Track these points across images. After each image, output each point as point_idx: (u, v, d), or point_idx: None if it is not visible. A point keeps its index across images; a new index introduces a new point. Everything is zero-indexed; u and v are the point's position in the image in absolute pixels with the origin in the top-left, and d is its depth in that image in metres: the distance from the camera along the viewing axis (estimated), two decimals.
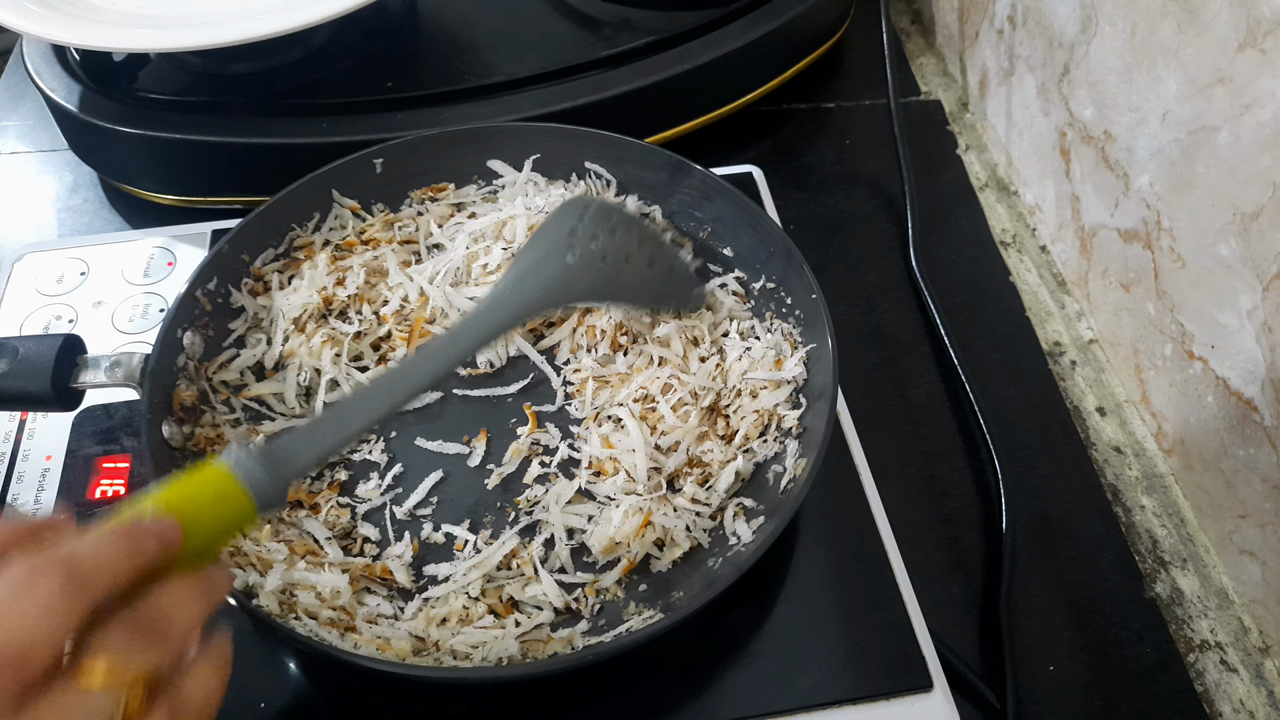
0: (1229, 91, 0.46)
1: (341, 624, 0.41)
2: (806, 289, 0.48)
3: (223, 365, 0.50)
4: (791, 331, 0.50)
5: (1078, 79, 0.59)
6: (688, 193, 0.54)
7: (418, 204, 0.57)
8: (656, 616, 0.42)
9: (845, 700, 0.41)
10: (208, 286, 0.50)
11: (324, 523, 0.45)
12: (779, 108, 0.74)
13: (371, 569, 0.44)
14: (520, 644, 0.41)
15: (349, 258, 0.53)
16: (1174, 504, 0.54)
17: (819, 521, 0.47)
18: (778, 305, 0.51)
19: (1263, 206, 0.45)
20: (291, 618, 0.40)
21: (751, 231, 0.52)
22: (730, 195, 0.52)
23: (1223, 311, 0.49)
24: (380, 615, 0.42)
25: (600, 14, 0.69)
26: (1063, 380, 0.59)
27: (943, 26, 0.79)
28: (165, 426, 0.45)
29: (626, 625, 0.42)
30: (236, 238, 0.51)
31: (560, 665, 0.40)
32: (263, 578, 0.41)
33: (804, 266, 0.49)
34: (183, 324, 0.48)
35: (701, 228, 0.55)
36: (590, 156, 0.56)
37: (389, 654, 0.40)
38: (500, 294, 0.45)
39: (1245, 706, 0.47)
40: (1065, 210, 0.63)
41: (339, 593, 0.42)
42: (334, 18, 0.56)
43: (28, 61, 0.64)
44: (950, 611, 0.49)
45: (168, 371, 0.46)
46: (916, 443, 0.55)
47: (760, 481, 0.46)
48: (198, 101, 0.62)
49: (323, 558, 0.44)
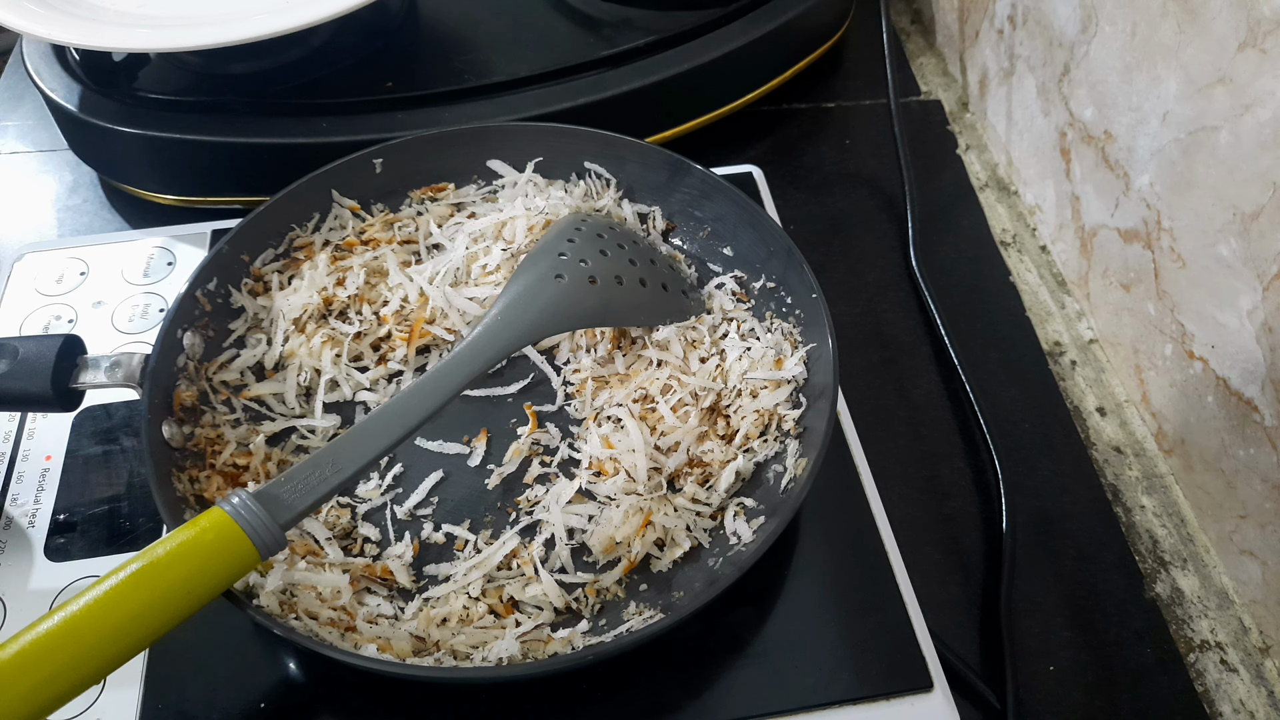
0: (1229, 91, 0.46)
1: (342, 624, 0.41)
2: (807, 288, 0.49)
3: (223, 365, 0.50)
4: (792, 331, 0.50)
5: (1078, 79, 0.59)
6: (688, 192, 0.54)
7: (417, 204, 0.57)
8: (657, 616, 0.42)
9: (845, 700, 0.41)
10: (208, 287, 0.50)
11: (324, 523, 0.45)
12: (779, 108, 0.74)
13: (372, 569, 0.44)
14: (521, 644, 0.41)
15: (349, 258, 0.53)
16: (1174, 504, 0.54)
17: (819, 521, 0.47)
18: (778, 304, 0.51)
19: (1263, 206, 0.45)
20: (292, 618, 0.40)
21: (751, 231, 0.52)
22: (730, 194, 0.53)
23: (1223, 311, 0.49)
24: (381, 615, 0.42)
25: (600, 14, 0.69)
26: (1063, 380, 0.59)
27: (943, 26, 0.79)
28: (165, 427, 0.45)
29: (627, 625, 0.42)
30: (236, 238, 0.51)
31: (561, 665, 0.40)
32: (263, 578, 0.41)
33: (804, 266, 0.49)
34: (183, 324, 0.48)
35: (701, 227, 0.55)
36: (590, 156, 0.56)
37: (389, 654, 0.40)
38: (491, 326, 0.45)
39: (1245, 706, 0.47)
40: (1065, 210, 0.63)
41: (339, 593, 0.42)
42: (334, 18, 0.56)
43: (28, 61, 0.64)
44: (950, 611, 0.49)
45: (168, 372, 0.46)
46: (916, 443, 0.55)
47: (760, 481, 0.46)
48: (198, 101, 0.62)
49: (323, 558, 0.44)
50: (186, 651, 0.42)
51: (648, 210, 0.56)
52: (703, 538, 0.45)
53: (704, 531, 0.45)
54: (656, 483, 0.46)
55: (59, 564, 0.45)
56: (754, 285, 0.53)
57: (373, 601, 0.43)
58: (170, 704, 0.41)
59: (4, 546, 0.46)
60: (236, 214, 0.57)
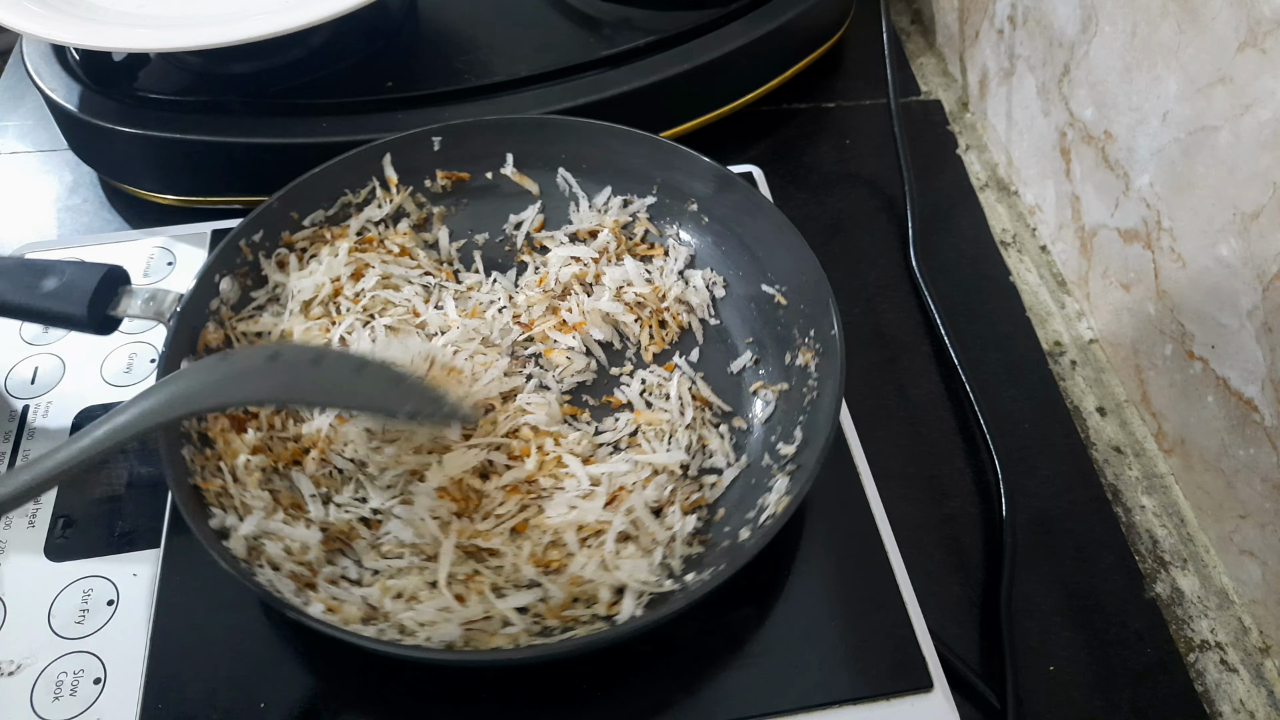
0: (1229, 91, 0.46)
1: (302, 579, 0.41)
2: (829, 324, 0.47)
3: (247, 319, 0.51)
4: (808, 364, 0.49)
5: (1078, 79, 0.59)
6: (729, 207, 0.54)
7: (438, 190, 0.57)
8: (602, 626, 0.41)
9: (845, 700, 0.41)
10: (253, 238, 0.51)
11: (312, 478, 0.46)
12: (779, 108, 0.74)
13: (354, 531, 0.44)
14: (465, 631, 0.40)
15: (368, 252, 0.54)
16: (1174, 504, 0.54)
17: (819, 521, 0.47)
18: (801, 331, 0.50)
19: (1263, 206, 0.45)
20: (256, 565, 0.41)
21: (787, 254, 0.51)
22: (773, 216, 0.52)
23: (1223, 311, 0.49)
24: (344, 578, 0.42)
25: (600, 14, 0.69)
26: (1063, 380, 0.59)
27: (943, 26, 0.79)
28: (185, 363, 0.46)
29: (574, 631, 0.41)
30: (289, 194, 0.52)
31: (499, 659, 0.39)
32: (240, 522, 0.42)
33: (830, 300, 0.47)
34: (221, 269, 0.50)
35: (742, 243, 0.54)
36: (640, 159, 0.56)
37: (334, 616, 0.40)
38: (149, 390, 0.40)
39: (1245, 706, 0.47)
40: (1065, 210, 0.63)
41: (308, 548, 0.42)
42: (334, 18, 0.56)
43: (28, 61, 0.64)
44: (950, 611, 0.49)
45: (198, 312, 0.48)
46: (916, 443, 0.55)
47: (718, 538, 0.45)
48: (198, 101, 0.62)
49: (305, 513, 0.44)
50: (186, 651, 0.43)
51: (629, 198, 0.56)
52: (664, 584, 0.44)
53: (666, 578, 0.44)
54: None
55: (59, 564, 0.45)
56: (781, 303, 0.51)
57: (344, 564, 0.43)
58: (170, 704, 0.41)
59: (4, 546, 0.46)
60: (237, 214, 0.57)
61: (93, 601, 0.44)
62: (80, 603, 0.44)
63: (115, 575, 0.45)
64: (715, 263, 0.55)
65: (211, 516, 0.42)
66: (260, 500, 0.43)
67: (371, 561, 0.44)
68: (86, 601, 0.44)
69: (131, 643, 0.43)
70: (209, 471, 0.44)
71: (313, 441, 0.47)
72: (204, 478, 0.43)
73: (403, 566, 0.43)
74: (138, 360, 0.53)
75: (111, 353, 0.53)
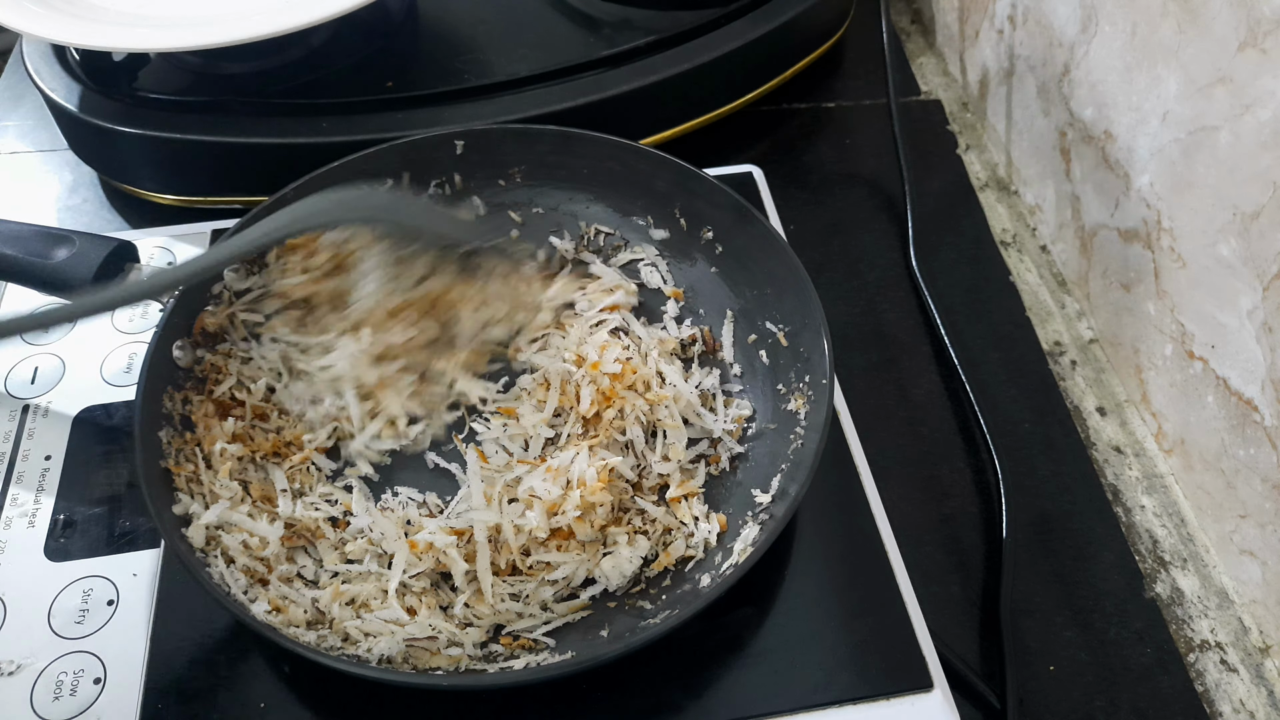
0: (1229, 91, 0.46)
1: (256, 575, 0.41)
2: (822, 371, 0.46)
3: (248, 308, 0.51)
4: (800, 406, 0.48)
5: (1078, 79, 0.59)
6: (745, 239, 0.53)
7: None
8: (553, 659, 0.41)
9: (845, 700, 0.41)
10: None
11: (286, 473, 0.46)
12: (779, 108, 0.74)
13: (320, 530, 0.44)
14: (406, 647, 0.40)
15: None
16: (1174, 504, 0.54)
17: (819, 521, 0.47)
18: (798, 375, 0.49)
19: (1263, 206, 0.45)
20: (212, 556, 0.41)
21: (794, 297, 0.50)
22: (785, 257, 0.51)
23: (1223, 311, 0.49)
24: (300, 576, 0.42)
25: (600, 14, 0.68)
26: (1063, 380, 0.59)
27: (943, 26, 0.79)
28: (178, 346, 0.47)
29: (523, 662, 0.41)
30: (304, 188, 0.51)
31: (433, 682, 0.39)
32: (205, 510, 0.42)
33: (826, 352, 0.46)
34: None
35: (752, 278, 0.53)
36: (664, 182, 0.54)
37: (279, 618, 0.40)
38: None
39: (1245, 706, 0.47)
40: (1065, 210, 0.63)
41: (266, 543, 0.42)
42: (334, 18, 0.56)
43: (28, 61, 0.64)
44: (950, 611, 0.49)
45: (199, 295, 0.49)
46: (916, 443, 0.55)
47: (689, 579, 0.45)
48: (198, 101, 0.62)
49: (273, 507, 0.45)
50: (186, 651, 0.42)
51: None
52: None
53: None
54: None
55: (59, 564, 0.45)
56: (782, 342, 0.50)
57: (303, 562, 0.43)
58: (170, 704, 0.41)
59: (4, 546, 0.46)
60: (236, 214, 0.57)
61: (93, 601, 0.44)
62: (80, 603, 0.44)
63: (115, 575, 0.45)
64: (722, 293, 0.54)
65: (176, 502, 0.42)
66: (229, 490, 0.44)
67: (332, 564, 0.44)
68: (86, 601, 0.44)
69: (131, 643, 0.43)
70: (184, 455, 0.44)
71: (297, 439, 0.47)
72: (177, 461, 0.44)
73: (361, 572, 0.43)
74: (138, 360, 0.53)
75: (111, 352, 0.53)
